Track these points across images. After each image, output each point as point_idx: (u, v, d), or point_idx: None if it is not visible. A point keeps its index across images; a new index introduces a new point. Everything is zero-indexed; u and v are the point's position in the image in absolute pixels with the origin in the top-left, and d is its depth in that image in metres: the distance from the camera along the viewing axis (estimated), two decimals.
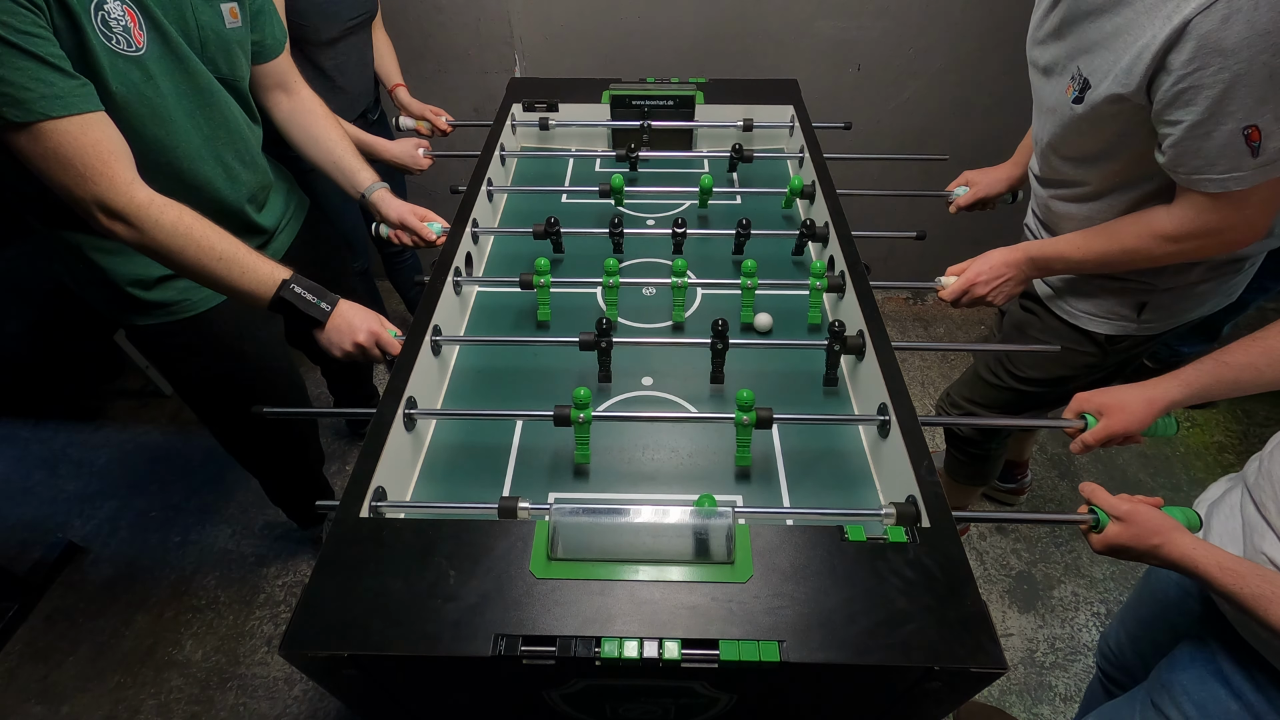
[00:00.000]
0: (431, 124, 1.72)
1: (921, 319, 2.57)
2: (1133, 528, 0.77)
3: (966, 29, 1.93)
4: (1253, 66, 0.75)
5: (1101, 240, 1.01)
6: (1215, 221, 0.89)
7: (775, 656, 0.63)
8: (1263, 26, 0.73)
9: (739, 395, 0.88)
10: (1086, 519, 0.81)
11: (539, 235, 1.25)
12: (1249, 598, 0.68)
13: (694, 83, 1.61)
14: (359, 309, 1.04)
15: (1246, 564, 0.70)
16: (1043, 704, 1.55)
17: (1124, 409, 0.88)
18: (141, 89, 0.91)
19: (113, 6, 0.85)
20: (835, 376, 1.05)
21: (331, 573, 0.70)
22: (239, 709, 1.56)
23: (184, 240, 0.91)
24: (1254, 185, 0.83)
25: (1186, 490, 1.97)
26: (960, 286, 1.11)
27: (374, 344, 1.03)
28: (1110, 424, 0.88)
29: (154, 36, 0.91)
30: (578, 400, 0.88)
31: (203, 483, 2.03)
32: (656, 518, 0.73)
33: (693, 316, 1.19)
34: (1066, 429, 0.94)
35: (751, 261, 1.10)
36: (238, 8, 1.04)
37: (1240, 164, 0.82)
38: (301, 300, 0.99)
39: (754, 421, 0.88)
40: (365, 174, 1.28)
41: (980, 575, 1.79)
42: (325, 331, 1.02)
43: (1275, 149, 0.80)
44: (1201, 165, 0.84)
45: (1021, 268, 1.09)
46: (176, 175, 1.01)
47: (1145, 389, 0.88)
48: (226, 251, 0.94)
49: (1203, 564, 0.72)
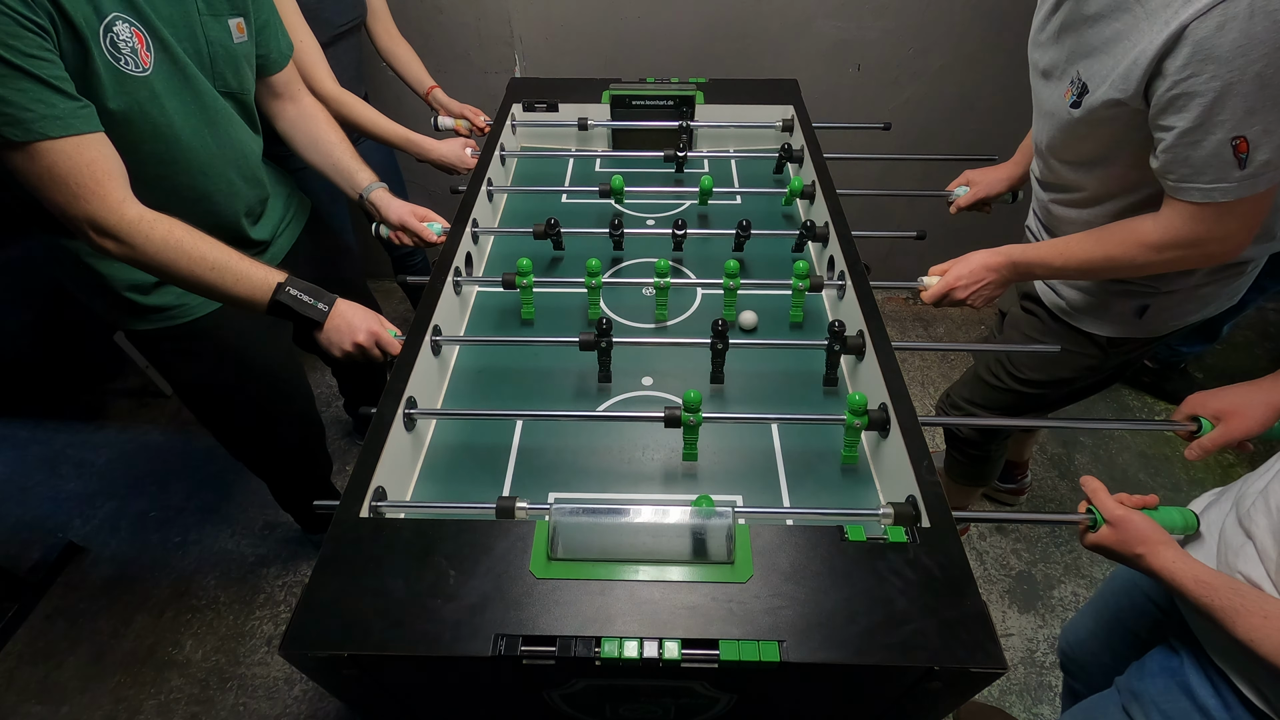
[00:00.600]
0: (470, 122, 1.72)
1: (921, 319, 2.57)
2: (1121, 534, 0.78)
3: (966, 29, 1.93)
4: (1245, 76, 0.75)
5: (1085, 247, 1.00)
6: (1199, 232, 0.88)
7: (775, 656, 0.63)
8: (1257, 36, 0.72)
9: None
10: (1084, 519, 0.82)
11: (539, 235, 1.25)
12: (1219, 610, 0.69)
13: (694, 83, 1.61)
14: (358, 309, 1.04)
15: (1220, 578, 0.71)
16: (1043, 704, 1.55)
17: (1244, 415, 0.87)
18: (147, 108, 0.92)
19: (121, 29, 0.87)
20: (835, 376, 1.05)
21: (331, 573, 0.70)
22: (239, 709, 1.56)
23: (174, 253, 0.91)
24: (1238, 198, 0.83)
25: (1186, 490, 1.97)
26: (940, 290, 1.11)
27: (374, 344, 1.03)
28: (1230, 430, 0.88)
29: (162, 57, 0.93)
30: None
31: (203, 483, 2.03)
32: (656, 518, 0.73)
33: (692, 316, 1.19)
34: (1179, 432, 0.93)
35: (733, 262, 1.10)
36: (244, 23, 1.05)
37: (1227, 175, 0.82)
38: (298, 302, 0.99)
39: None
40: (364, 174, 1.28)
41: (980, 575, 1.79)
42: (324, 332, 1.02)
43: (1262, 162, 0.80)
44: (1189, 174, 0.84)
45: (1002, 271, 1.08)
46: (176, 190, 1.02)
47: (1263, 391, 0.87)
48: (219, 260, 0.95)
49: (1179, 577, 0.73)
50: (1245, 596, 0.68)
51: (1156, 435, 2.10)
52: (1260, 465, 0.82)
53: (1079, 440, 2.10)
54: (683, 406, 0.88)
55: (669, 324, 1.17)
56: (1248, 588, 0.69)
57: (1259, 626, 0.66)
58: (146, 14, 0.90)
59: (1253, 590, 0.69)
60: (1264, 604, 0.67)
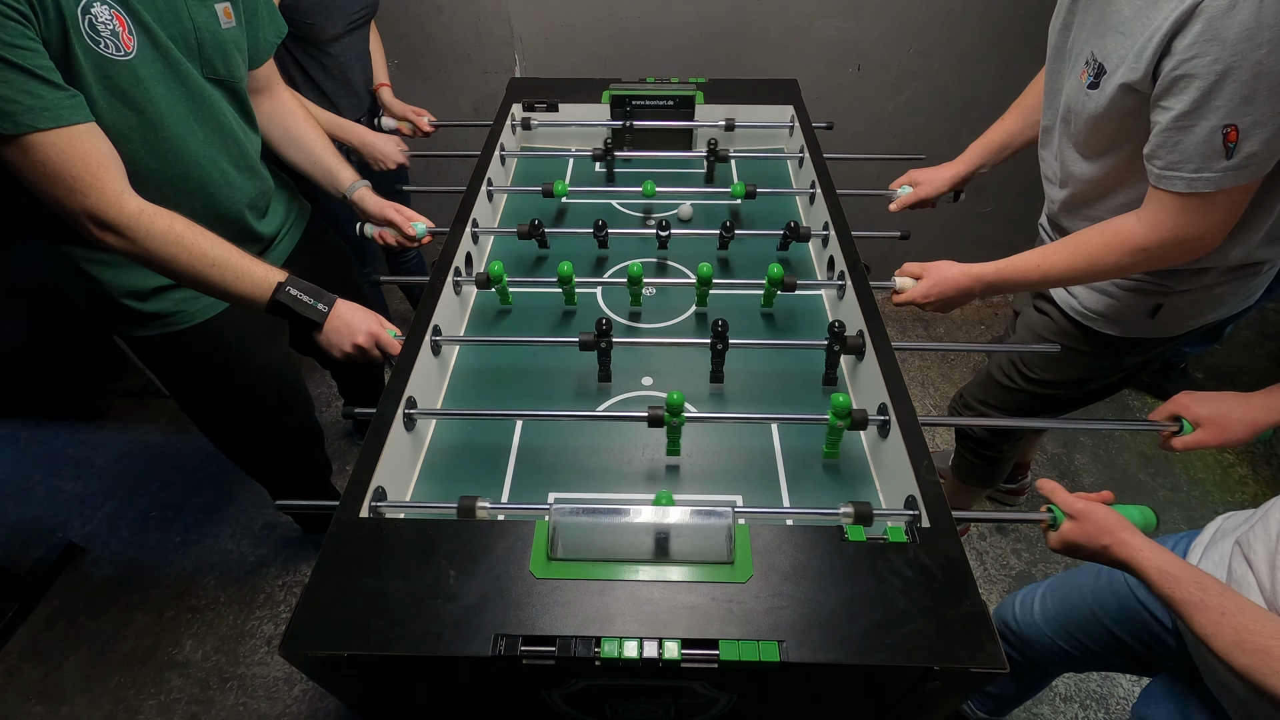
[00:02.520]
0: (414, 125, 1.72)
1: (921, 319, 2.57)
2: (1085, 525, 0.78)
3: (966, 29, 1.93)
4: (1246, 61, 0.74)
5: (1064, 255, 1.00)
6: (1182, 224, 0.88)
7: (775, 656, 0.63)
8: (1266, 21, 0.72)
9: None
10: (1044, 518, 0.82)
11: (523, 235, 1.25)
12: (1180, 602, 0.69)
13: (694, 83, 1.61)
14: (358, 309, 1.04)
15: (1187, 570, 0.70)
16: (1043, 704, 1.55)
17: (1225, 429, 0.88)
18: (130, 93, 0.90)
19: (100, 10, 0.84)
20: (835, 376, 1.05)
21: (331, 573, 0.70)
22: (239, 709, 1.56)
23: (176, 248, 0.91)
24: (1220, 189, 0.83)
25: (1186, 490, 1.97)
26: (906, 300, 1.12)
27: (373, 344, 1.03)
28: (1207, 438, 0.89)
29: (144, 41, 0.90)
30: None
31: (203, 483, 2.03)
32: (656, 518, 0.73)
33: (693, 316, 1.19)
34: (1161, 431, 0.94)
35: (707, 265, 1.10)
36: (231, 8, 1.03)
37: (1211, 164, 0.81)
38: (298, 302, 0.99)
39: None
40: (345, 173, 1.27)
41: (980, 575, 1.79)
42: (324, 333, 1.02)
43: (1248, 154, 0.80)
44: (1176, 160, 0.84)
45: (970, 292, 1.08)
46: (170, 181, 1.00)
47: (1250, 409, 0.87)
48: (220, 257, 0.94)
49: (1145, 566, 0.73)
50: (1207, 591, 0.68)
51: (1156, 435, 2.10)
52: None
53: (1079, 440, 2.10)
54: (665, 408, 0.88)
55: (667, 324, 1.17)
56: (1212, 581, 0.69)
57: (1215, 622, 0.65)
58: None
59: (1215, 584, 0.68)
60: (1224, 600, 0.66)
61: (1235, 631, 0.64)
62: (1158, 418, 0.95)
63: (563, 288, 1.14)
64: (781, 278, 1.10)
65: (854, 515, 0.79)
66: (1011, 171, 1.52)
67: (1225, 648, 0.64)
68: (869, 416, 0.91)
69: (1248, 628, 0.64)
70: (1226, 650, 0.64)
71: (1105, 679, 1.59)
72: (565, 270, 1.11)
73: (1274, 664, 0.61)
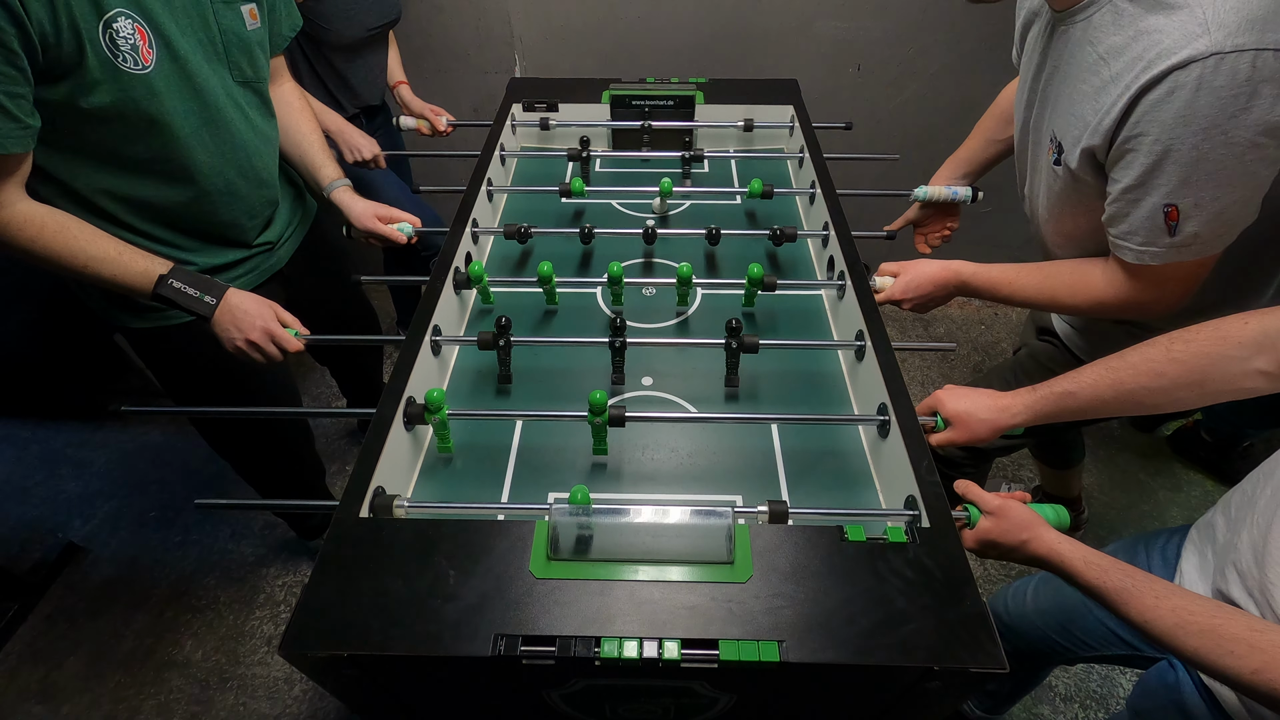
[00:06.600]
0: (431, 124, 1.73)
1: (921, 319, 2.57)
2: (1002, 522, 0.78)
3: (966, 29, 1.93)
4: (1183, 145, 0.75)
5: (1034, 282, 1.00)
6: (1136, 290, 0.89)
7: (775, 657, 0.63)
8: (1199, 110, 0.73)
9: (591, 397, 0.87)
10: (960, 517, 0.82)
11: (509, 235, 1.25)
12: (1111, 591, 0.68)
13: (694, 83, 1.61)
14: (253, 302, 1.03)
15: (1111, 560, 0.70)
16: (1043, 704, 1.55)
17: (969, 428, 0.90)
18: (143, 105, 0.92)
19: (123, 25, 0.86)
20: (735, 379, 1.04)
21: (331, 573, 0.70)
22: (239, 709, 1.56)
23: (44, 251, 0.92)
24: (1166, 263, 0.83)
25: (1186, 490, 1.97)
26: (888, 297, 1.12)
27: (269, 341, 1.02)
28: (954, 436, 0.91)
29: (164, 55, 0.92)
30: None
31: (203, 483, 2.03)
32: (656, 518, 0.73)
33: (692, 315, 1.19)
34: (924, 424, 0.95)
35: (686, 265, 1.10)
36: (256, 9, 1.04)
37: (1157, 239, 0.82)
38: (182, 295, 0.99)
39: (605, 422, 0.89)
40: (328, 169, 1.26)
41: (980, 575, 1.79)
42: (213, 325, 1.01)
43: (1190, 234, 0.80)
44: (1126, 231, 0.85)
45: (949, 288, 1.09)
46: (172, 187, 1.02)
47: (995, 410, 0.88)
48: (96, 255, 0.95)
49: (1068, 558, 0.73)
50: (1135, 578, 0.68)
51: (1156, 436, 2.10)
52: None
53: None
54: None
55: (668, 324, 1.17)
56: (1138, 570, 0.69)
57: (1152, 607, 0.65)
58: (151, 9, 0.89)
59: (1141, 571, 0.69)
60: (1153, 585, 0.67)
61: (1175, 614, 0.63)
62: (922, 412, 0.95)
63: (543, 288, 1.14)
64: (762, 277, 1.10)
65: (769, 514, 0.78)
66: (1011, 172, 1.52)
67: (1168, 631, 0.64)
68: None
69: (1187, 609, 0.63)
70: (1170, 634, 0.64)
71: (1105, 679, 1.59)
72: (545, 270, 1.11)
73: (1225, 644, 0.60)
